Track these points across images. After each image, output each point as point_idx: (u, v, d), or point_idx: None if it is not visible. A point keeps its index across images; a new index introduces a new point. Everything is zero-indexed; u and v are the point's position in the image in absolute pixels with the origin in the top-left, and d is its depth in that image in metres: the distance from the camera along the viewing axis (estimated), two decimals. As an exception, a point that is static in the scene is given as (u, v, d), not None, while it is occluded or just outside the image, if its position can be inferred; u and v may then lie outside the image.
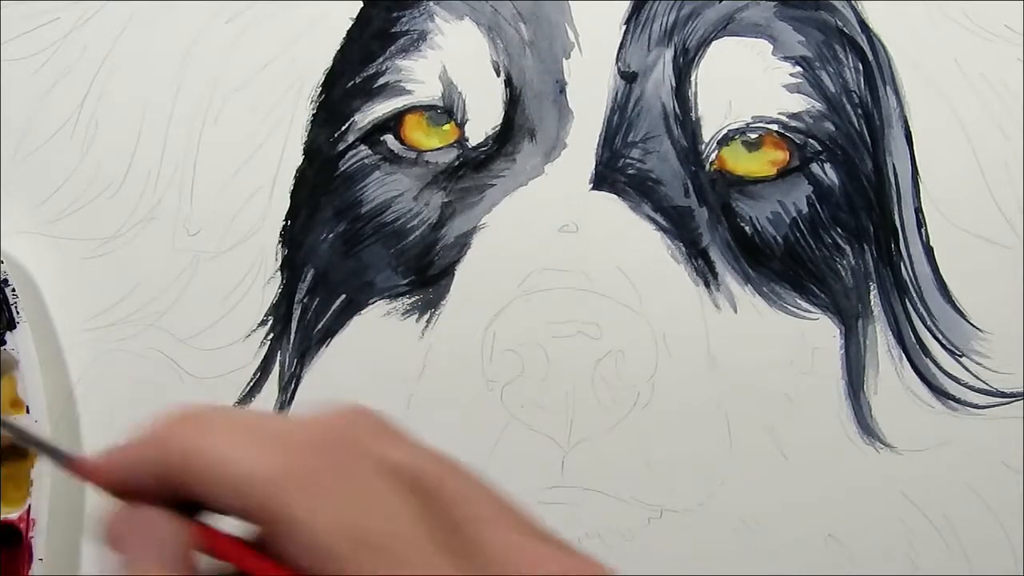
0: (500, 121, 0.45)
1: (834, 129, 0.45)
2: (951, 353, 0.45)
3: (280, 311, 0.46)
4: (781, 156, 0.45)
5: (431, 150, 0.46)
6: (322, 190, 0.46)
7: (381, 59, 0.45)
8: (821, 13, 0.45)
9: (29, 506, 0.45)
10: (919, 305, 0.46)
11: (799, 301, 0.45)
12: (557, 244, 0.45)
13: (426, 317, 0.46)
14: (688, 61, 0.45)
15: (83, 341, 0.47)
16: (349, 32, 0.46)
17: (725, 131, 0.45)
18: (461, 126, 0.45)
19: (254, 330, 0.46)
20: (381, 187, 0.46)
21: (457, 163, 0.45)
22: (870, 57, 0.45)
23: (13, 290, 0.45)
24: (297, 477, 0.26)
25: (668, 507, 0.46)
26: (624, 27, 0.45)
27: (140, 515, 0.28)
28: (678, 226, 0.45)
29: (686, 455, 0.46)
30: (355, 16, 0.46)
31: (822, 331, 0.46)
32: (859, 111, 0.45)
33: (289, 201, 0.46)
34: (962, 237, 0.46)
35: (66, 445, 0.46)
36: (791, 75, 0.45)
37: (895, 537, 0.46)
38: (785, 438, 0.46)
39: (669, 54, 0.45)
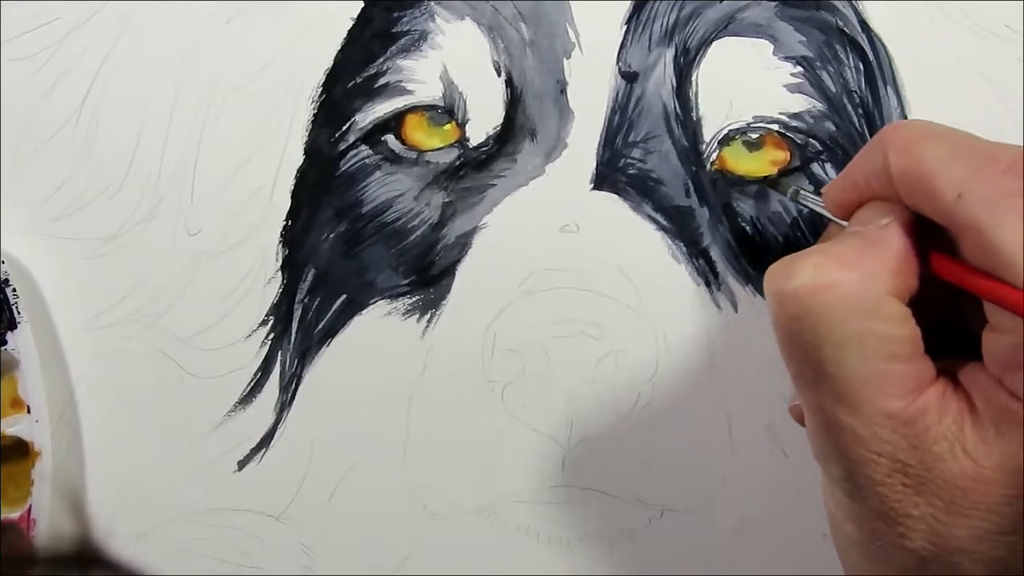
0: (501, 121, 0.45)
1: (835, 129, 0.45)
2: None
3: (281, 311, 0.46)
4: (782, 156, 0.45)
5: (432, 150, 0.46)
6: (323, 190, 0.46)
7: (382, 59, 0.45)
8: (822, 13, 0.45)
9: (30, 506, 0.45)
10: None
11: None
12: (558, 244, 0.45)
13: (427, 317, 0.46)
14: (689, 61, 0.45)
15: (84, 341, 0.47)
16: (350, 32, 0.46)
17: (726, 131, 0.45)
18: (462, 126, 0.45)
19: (255, 330, 0.46)
20: (382, 187, 0.46)
21: (458, 163, 0.45)
22: (871, 57, 0.45)
23: (14, 290, 0.45)
24: (990, 194, 0.31)
25: (668, 507, 0.46)
26: (625, 27, 0.45)
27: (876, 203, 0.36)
28: (679, 226, 0.45)
29: (687, 455, 0.46)
30: (356, 16, 0.45)
31: (822, 330, 0.46)
32: (860, 111, 0.45)
33: (290, 201, 0.46)
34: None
35: (66, 445, 0.46)
36: (792, 75, 0.45)
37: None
38: (786, 437, 0.46)
39: (670, 54, 0.45)
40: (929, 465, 0.33)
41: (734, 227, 0.45)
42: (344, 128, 0.46)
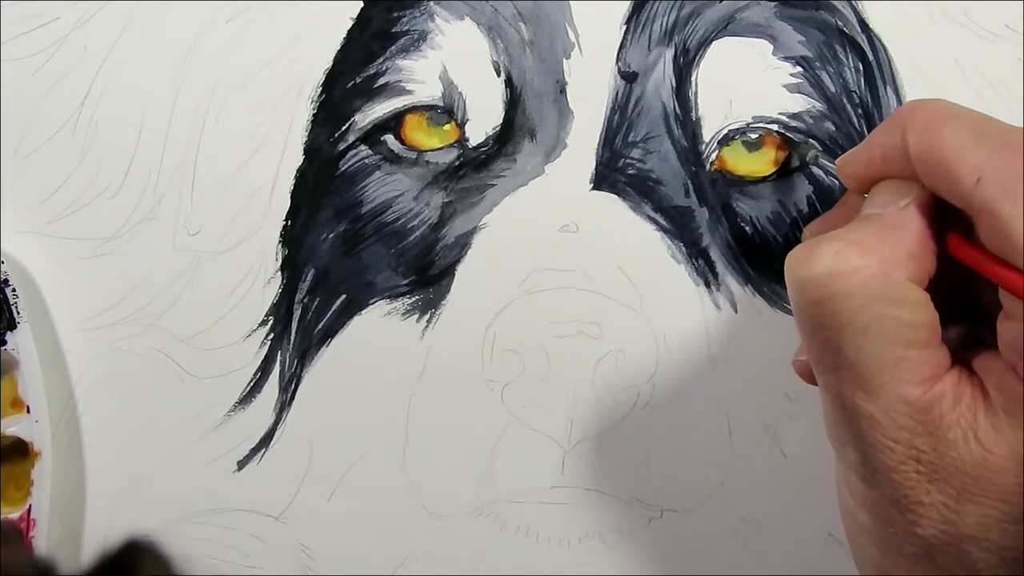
0: (500, 121, 0.45)
1: (834, 129, 0.45)
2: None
3: (280, 311, 0.46)
4: (781, 156, 0.45)
5: (431, 150, 0.46)
6: (322, 190, 0.46)
7: (381, 59, 0.45)
8: (821, 13, 0.45)
9: (30, 506, 0.45)
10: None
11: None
12: (558, 244, 0.45)
13: (426, 317, 0.46)
14: (688, 61, 0.45)
15: (83, 341, 0.47)
16: (349, 32, 0.46)
17: (725, 131, 0.45)
18: (461, 126, 0.45)
19: (254, 330, 0.46)
20: (381, 187, 0.46)
21: (457, 163, 0.45)
22: (870, 57, 0.45)
23: (13, 290, 0.45)
24: (1009, 181, 0.31)
25: (668, 507, 0.46)
26: (624, 27, 0.45)
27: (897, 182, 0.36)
28: (678, 226, 0.45)
29: (686, 455, 0.46)
30: (355, 16, 0.45)
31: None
32: (859, 111, 0.45)
33: (289, 201, 0.46)
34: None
35: (66, 445, 0.46)
36: (791, 75, 0.45)
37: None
38: (786, 437, 0.46)
39: (669, 54, 0.45)
40: (942, 452, 0.33)
41: (733, 227, 0.45)
42: (344, 128, 0.46)
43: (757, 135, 0.45)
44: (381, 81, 0.45)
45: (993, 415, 0.33)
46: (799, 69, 0.45)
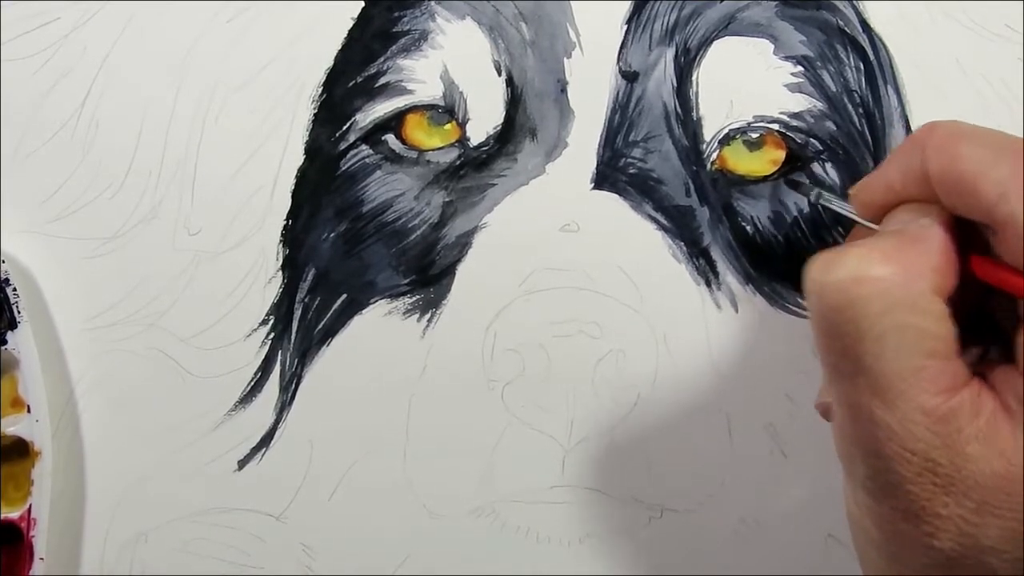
0: (501, 121, 0.45)
1: (835, 128, 0.45)
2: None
3: (281, 311, 0.46)
4: (782, 155, 0.45)
5: (432, 149, 0.46)
6: (323, 190, 0.46)
7: (382, 59, 0.45)
8: (822, 13, 0.45)
9: (30, 506, 0.45)
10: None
11: (800, 300, 0.45)
12: (558, 243, 0.45)
13: (427, 317, 0.46)
14: (689, 60, 0.45)
15: (83, 341, 0.47)
16: (350, 32, 0.46)
17: (726, 130, 0.45)
18: (462, 125, 0.45)
19: (255, 329, 0.46)
20: (382, 187, 0.46)
21: (458, 162, 0.45)
22: (871, 56, 0.45)
23: (14, 290, 0.45)
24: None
25: (668, 507, 0.46)
26: (625, 27, 0.45)
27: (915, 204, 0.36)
28: (679, 225, 0.45)
29: (686, 455, 0.46)
30: (356, 16, 0.46)
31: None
32: (860, 110, 0.45)
33: (290, 201, 0.46)
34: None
35: (66, 445, 0.46)
36: (792, 75, 0.45)
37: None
38: (786, 437, 0.46)
39: (670, 53, 0.45)
40: (959, 465, 0.33)
41: (734, 227, 0.45)
42: (344, 128, 0.46)
43: (758, 134, 0.45)
44: (382, 81, 0.45)
45: (1013, 428, 0.33)
46: (800, 68, 0.45)
